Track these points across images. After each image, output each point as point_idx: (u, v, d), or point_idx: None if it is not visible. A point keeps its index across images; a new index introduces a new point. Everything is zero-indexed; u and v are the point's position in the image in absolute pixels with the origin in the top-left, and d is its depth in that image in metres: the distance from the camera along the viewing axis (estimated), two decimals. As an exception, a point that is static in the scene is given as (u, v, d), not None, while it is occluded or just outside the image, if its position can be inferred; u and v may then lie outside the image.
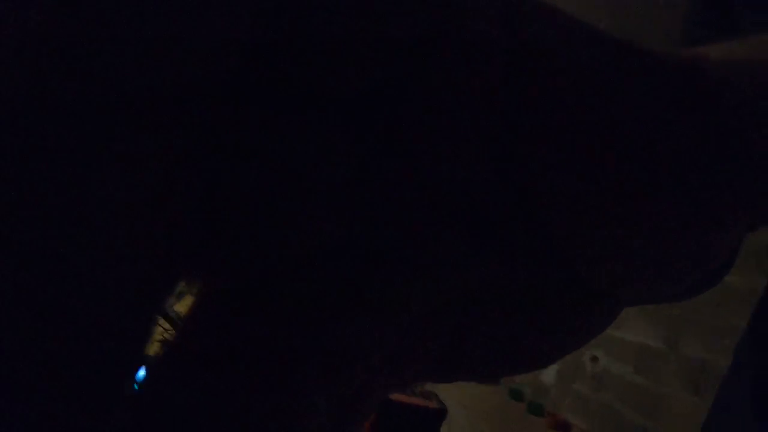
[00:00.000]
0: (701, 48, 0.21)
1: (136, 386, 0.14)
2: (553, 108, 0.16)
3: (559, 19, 0.16)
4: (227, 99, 0.14)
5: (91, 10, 0.11)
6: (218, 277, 0.15)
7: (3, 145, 0.11)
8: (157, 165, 0.12)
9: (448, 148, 0.15)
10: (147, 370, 0.14)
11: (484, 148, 0.16)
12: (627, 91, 0.16)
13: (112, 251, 0.12)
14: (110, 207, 0.12)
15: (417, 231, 0.16)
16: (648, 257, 0.17)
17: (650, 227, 0.17)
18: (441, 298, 0.16)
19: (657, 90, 0.17)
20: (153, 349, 0.14)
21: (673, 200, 0.17)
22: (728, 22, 0.40)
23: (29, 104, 0.11)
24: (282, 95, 0.14)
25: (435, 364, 0.18)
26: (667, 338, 2.40)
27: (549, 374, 3.17)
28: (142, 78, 0.11)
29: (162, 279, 0.14)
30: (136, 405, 0.14)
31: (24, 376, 0.12)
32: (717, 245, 0.18)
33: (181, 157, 0.13)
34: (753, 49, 0.20)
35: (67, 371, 0.12)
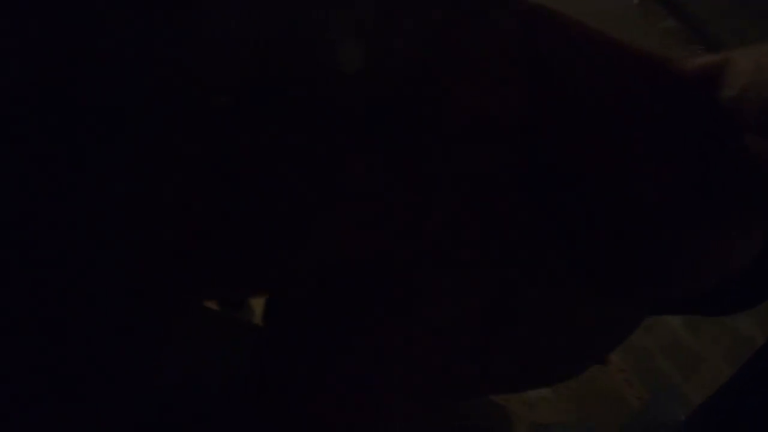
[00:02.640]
0: (730, 52, 0.20)
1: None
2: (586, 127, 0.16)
3: (579, 30, 0.16)
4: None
5: None
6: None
7: None
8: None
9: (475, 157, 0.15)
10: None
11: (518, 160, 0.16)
12: (644, 103, 0.16)
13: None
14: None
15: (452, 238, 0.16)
16: (674, 262, 0.17)
17: (677, 232, 0.17)
18: (470, 307, 0.16)
19: (675, 99, 0.16)
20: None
21: (699, 205, 0.16)
22: None
23: None
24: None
25: (466, 379, 0.18)
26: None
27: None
28: None
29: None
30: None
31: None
32: (738, 252, 0.18)
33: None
34: None
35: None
